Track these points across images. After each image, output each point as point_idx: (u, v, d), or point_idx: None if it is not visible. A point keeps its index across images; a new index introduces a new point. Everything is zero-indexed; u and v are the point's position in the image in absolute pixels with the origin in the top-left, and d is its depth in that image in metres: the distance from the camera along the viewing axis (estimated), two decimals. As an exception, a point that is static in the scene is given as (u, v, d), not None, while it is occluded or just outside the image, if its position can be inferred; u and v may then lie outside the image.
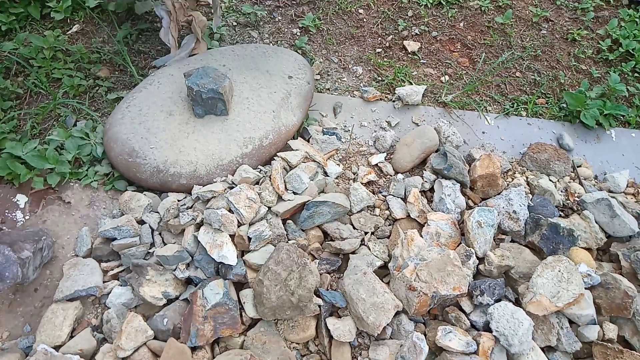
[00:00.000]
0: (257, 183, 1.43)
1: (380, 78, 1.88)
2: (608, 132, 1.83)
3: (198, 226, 1.36)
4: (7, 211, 1.38)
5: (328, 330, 1.23)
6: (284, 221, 1.39)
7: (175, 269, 1.29)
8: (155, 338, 1.20)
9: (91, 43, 1.75)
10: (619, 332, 1.32)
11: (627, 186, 1.65)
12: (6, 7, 1.71)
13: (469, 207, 1.51)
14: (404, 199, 1.51)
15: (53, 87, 1.63)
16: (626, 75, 1.98)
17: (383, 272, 1.38)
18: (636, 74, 1.97)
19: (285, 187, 1.43)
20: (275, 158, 1.49)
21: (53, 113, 1.58)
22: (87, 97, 1.62)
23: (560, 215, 1.52)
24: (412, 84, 1.85)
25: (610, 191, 1.64)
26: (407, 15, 2.09)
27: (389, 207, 1.48)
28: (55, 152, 1.43)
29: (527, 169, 1.67)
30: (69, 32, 1.79)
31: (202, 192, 1.37)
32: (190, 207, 1.40)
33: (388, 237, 1.44)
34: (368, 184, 1.55)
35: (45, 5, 1.77)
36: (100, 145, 1.51)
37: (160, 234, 1.39)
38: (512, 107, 1.86)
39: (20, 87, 1.60)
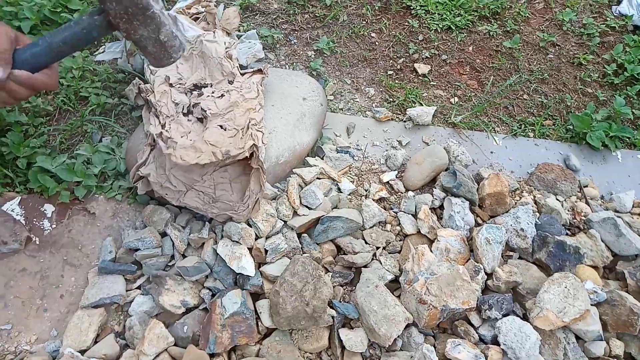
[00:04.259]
0: (274, 199, 1.49)
1: (391, 99, 1.95)
2: (614, 154, 1.88)
3: (217, 240, 1.42)
4: (35, 219, 1.45)
5: (341, 341, 1.28)
6: (299, 235, 1.45)
7: (195, 280, 1.35)
8: (175, 345, 1.25)
9: (117, 63, 1.84)
10: (626, 349, 1.35)
11: (633, 206, 1.69)
12: (39, 29, 1.82)
13: (477, 225, 1.56)
14: (415, 216, 1.56)
15: (81, 105, 1.72)
16: (631, 99, 2.03)
17: (394, 285, 1.43)
18: (641, 98, 2.03)
19: (300, 202, 1.49)
20: (291, 175, 1.56)
21: (80, 129, 1.66)
22: (112, 114, 1.71)
23: (567, 234, 1.56)
24: (422, 105, 1.92)
25: (616, 211, 1.68)
26: (418, 39, 2.17)
27: (400, 223, 1.54)
28: (83, 166, 1.51)
29: (535, 189, 1.72)
30: (96, 53, 1.88)
31: (221, 206, 1.44)
32: (210, 222, 1.47)
33: (399, 252, 1.49)
34: (380, 200, 1.61)
35: (75, 28, 1.87)
36: (124, 160, 1.58)
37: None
38: (520, 128, 1.92)
39: (50, 104, 1.69)
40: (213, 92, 1.50)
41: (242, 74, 1.59)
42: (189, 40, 1.62)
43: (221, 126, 1.39)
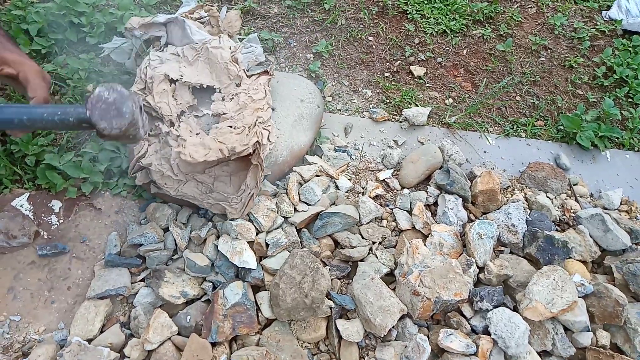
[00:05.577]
0: (274, 196, 1.55)
1: (388, 100, 2.01)
2: (603, 153, 1.94)
3: (217, 236, 1.47)
4: (43, 215, 1.50)
5: (338, 331, 1.33)
6: (298, 230, 1.51)
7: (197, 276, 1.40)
8: (179, 334, 1.30)
9: (122, 65, 1.89)
10: (612, 340, 1.40)
11: (620, 204, 1.75)
12: (46, 32, 1.87)
13: (470, 220, 1.61)
14: (410, 212, 1.61)
15: (86, 105, 1.78)
16: (620, 100, 2.10)
17: (389, 279, 1.48)
18: (629, 99, 2.09)
19: (299, 199, 1.54)
20: (291, 172, 1.61)
21: (86, 129, 1.71)
22: (117, 114, 1.76)
23: (556, 230, 1.62)
24: (418, 106, 1.98)
25: (605, 208, 1.74)
26: (414, 42, 2.23)
27: (395, 219, 1.59)
28: (89, 163, 1.56)
29: (526, 186, 1.77)
30: (102, 55, 1.94)
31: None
32: (211, 219, 1.52)
33: (394, 246, 1.55)
34: (376, 197, 1.66)
35: (81, 31, 1.93)
36: (128, 159, 1.63)
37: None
38: (512, 128, 1.98)
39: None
40: (223, 98, 1.54)
41: (249, 76, 1.63)
42: (195, 46, 1.67)
43: (230, 126, 1.43)
